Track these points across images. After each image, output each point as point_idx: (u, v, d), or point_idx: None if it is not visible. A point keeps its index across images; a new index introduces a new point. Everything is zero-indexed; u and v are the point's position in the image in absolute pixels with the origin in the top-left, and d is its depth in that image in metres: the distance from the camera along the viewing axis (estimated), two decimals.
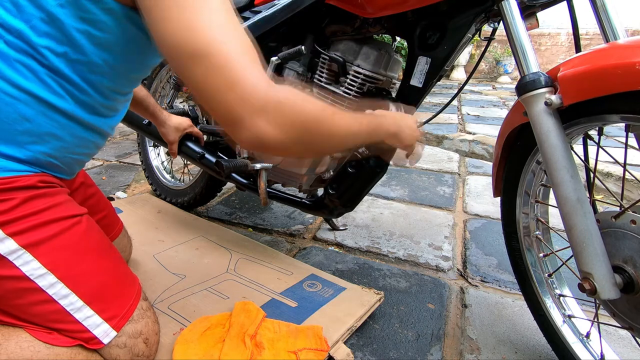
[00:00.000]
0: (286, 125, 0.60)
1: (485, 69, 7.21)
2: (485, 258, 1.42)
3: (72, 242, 0.75)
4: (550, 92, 0.70)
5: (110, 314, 0.76)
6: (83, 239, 0.77)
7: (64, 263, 0.73)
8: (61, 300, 0.71)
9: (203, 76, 0.56)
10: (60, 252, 0.73)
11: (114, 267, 0.82)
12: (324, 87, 1.11)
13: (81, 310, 0.73)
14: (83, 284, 0.74)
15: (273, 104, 0.57)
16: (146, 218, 1.55)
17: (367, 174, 1.02)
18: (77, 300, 0.73)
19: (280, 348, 0.88)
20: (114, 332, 0.75)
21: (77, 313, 0.73)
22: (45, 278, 0.70)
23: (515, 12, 0.76)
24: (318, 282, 1.16)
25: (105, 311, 0.75)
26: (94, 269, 0.77)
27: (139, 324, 0.79)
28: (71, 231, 0.75)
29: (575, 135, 0.79)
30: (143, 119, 1.36)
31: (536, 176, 0.90)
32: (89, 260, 0.77)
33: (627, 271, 0.70)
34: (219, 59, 0.55)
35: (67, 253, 0.74)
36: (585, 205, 0.69)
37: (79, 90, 0.72)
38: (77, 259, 0.75)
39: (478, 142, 2.66)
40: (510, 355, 0.99)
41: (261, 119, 0.57)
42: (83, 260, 0.76)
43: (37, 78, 0.67)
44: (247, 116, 0.56)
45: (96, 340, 0.74)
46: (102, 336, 0.74)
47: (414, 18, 0.97)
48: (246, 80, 0.55)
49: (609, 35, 0.81)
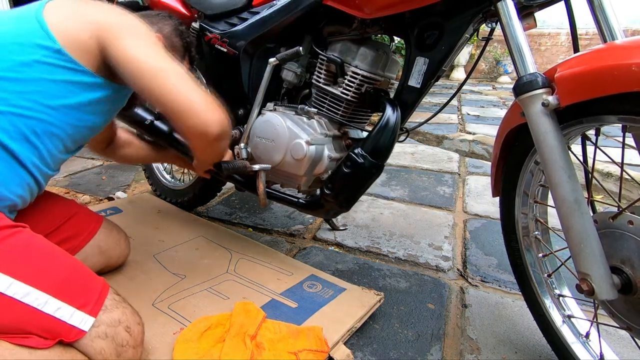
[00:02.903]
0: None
1: (485, 69, 7.20)
2: (485, 258, 1.42)
3: (20, 245, 0.75)
4: (548, 92, 0.70)
5: (81, 302, 0.74)
6: (32, 243, 0.77)
7: (16, 264, 0.71)
8: (24, 299, 0.69)
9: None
10: (11, 255, 0.72)
11: (73, 264, 0.80)
12: (322, 87, 1.12)
13: (49, 304, 0.71)
14: (43, 279, 0.72)
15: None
16: (146, 218, 1.55)
17: (362, 175, 1.02)
18: (41, 295, 0.71)
19: (280, 349, 0.88)
20: (91, 318, 0.73)
21: (45, 307, 0.70)
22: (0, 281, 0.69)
23: (512, 12, 0.76)
24: (318, 282, 1.16)
25: (75, 300, 0.73)
26: (52, 266, 0.76)
27: (115, 312, 0.77)
28: (16, 237, 0.75)
29: (573, 135, 0.79)
30: (144, 119, 1.36)
31: (534, 176, 0.90)
32: (44, 260, 0.76)
33: (625, 272, 0.70)
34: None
35: (16, 256, 0.73)
36: (583, 206, 0.69)
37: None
38: (29, 259, 0.74)
39: (478, 142, 2.66)
40: (510, 355, 0.99)
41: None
42: (37, 260, 0.75)
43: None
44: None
45: (75, 330, 0.72)
46: (80, 324, 0.72)
47: (411, 19, 0.97)
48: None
49: (606, 36, 0.81)
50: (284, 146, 1.10)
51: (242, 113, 1.29)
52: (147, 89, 0.84)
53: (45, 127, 0.83)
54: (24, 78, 0.79)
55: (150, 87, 0.83)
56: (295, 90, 1.25)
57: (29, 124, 0.81)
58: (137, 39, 0.85)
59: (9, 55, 0.79)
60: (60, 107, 0.84)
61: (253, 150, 1.20)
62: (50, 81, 0.81)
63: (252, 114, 1.18)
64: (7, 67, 0.78)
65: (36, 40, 0.80)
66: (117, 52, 0.83)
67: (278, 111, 1.17)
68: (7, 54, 0.79)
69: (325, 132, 1.11)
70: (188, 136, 0.92)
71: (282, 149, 1.11)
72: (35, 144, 0.83)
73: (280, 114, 1.14)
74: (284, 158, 1.11)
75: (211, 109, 0.87)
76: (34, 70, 0.80)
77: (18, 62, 0.79)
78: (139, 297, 1.05)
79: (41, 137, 0.83)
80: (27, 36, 0.80)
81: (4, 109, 0.78)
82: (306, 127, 1.10)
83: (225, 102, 1.40)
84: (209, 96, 0.88)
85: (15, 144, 0.80)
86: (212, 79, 1.40)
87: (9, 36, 0.80)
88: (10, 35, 0.80)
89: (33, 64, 0.79)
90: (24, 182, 0.84)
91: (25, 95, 0.80)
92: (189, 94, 0.84)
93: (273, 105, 1.20)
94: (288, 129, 1.10)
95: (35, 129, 0.82)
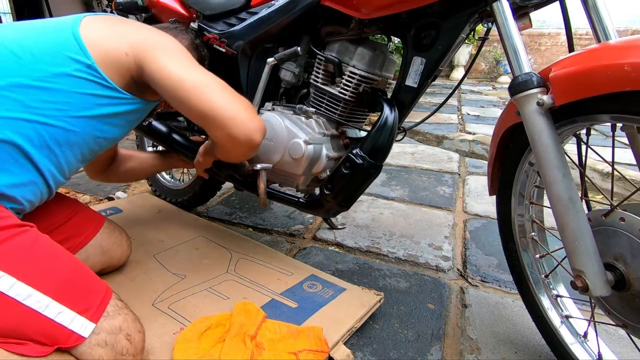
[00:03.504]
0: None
1: (485, 69, 7.19)
2: (485, 258, 1.42)
3: (25, 246, 0.74)
4: (542, 92, 0.70)
5: (82, 307, 0.73)
6: (36, 243, 0.76)
7: (20, 265, 0.70)
8: (25, 301, 0.68)
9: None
10: (14, 255, 0.71)
11: (77, 266, 0.79)
12: (320, 87, 1.12)
13: (50, 307, 0.70)
14: (45, 281, 0.71)
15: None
16: (146, 218, 1.56)
17: (361, 175, 1.03)
18: (43, 297, 0.69)
19: (280, 349, 0.89)
20: (92, 324, 0.72)
21: (46, 311, 0.69)
22: (2, 280, 0.68)
23: (507, 12, 0.76)
24: (318, 282, 1.16)
25: (76, 305, 0.72)
26: (55, 268, 0.75)
27: (116, 319, 0.76)
28: (21, 237, 0.74)
29: (566, 135, 0.80)
30: (143, 120, 1.37)
31: (529, 178, 0.91)
32: (48, 261, 0.75)
33: (619, 268, 0.70)
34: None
35: (21, 256, 0.72)
36: (577, 204, 0.70)
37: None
38: (34, 260, 0.73)
39: (478, 142, 2.67)
40: (510, 355, 0.99)
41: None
42: (41, 261, 0.74)
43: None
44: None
45: (75, 335, 0.70)
46: (80, 330, 0.71)
47: (408, 19, 0.98)
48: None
49: (600, 36, 0.81)
50: (282, 145, 1.10)
51: None
52: (186, 101, 0.86)
53: (67, 137, 0.85)
54: (54, 89, 0.81)
55: (190, 99, 0.86)
56: (294, 90, 1.26)
57: (52, 133, 0.82)
58: (172, 55, 0.89)
59: (44, 66, 0.81)
60: (84, 118, 0.86)
61: None
62: (79, 94, 0.83)
63: None
64: (41, 77, 0.80)
65: (70, 54, 0.82)
66: (155, 69, 0.86)
67: (276, 111, 1.17)
68: (42, 64, 0.81)
69: (324, 132, 1.12)
70: (229, 145, 0.94)
71: (280, 149, 1.11)
72: (56, 152, 0.85)
73: (278, 114, 1.14)
74: (282, 157, 1.11)
75: (253, 117, 0.89)
76: (64, 82, 0.82)
77: (51, 73, 0.81)
78: (139, 297, 1.06)
79: (62, 147, 0.85)
80: (62, 49, 0.82)
81: (31, 118, 0.80)
82: (304, 126, 1.11)
83: None
84: (249, 105, 0.91)
85: (36, 151, 0.81)
86: None
87: (46, 46, 0.82)
88: (47, 46, 0.82)
89: (64, 76, 0.82)
90: (36, 189, 0.85)
91: (53, 106, 0.82)
92: (230, 104, 0.87)
93: (271, 105, 1.21)
94: (286, 128, 1.10)
95: (58, 138, 0.84)
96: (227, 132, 0.88)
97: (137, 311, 0.84)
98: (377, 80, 1.09)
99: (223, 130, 0.88)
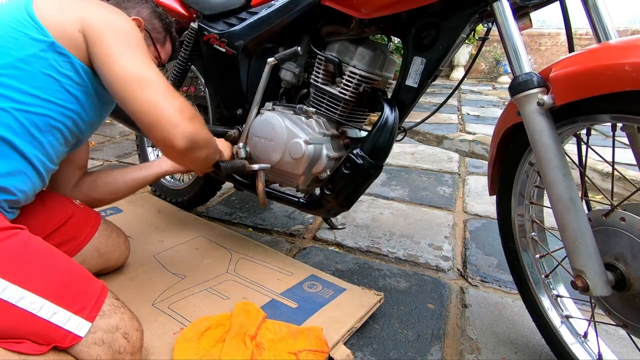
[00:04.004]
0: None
1: (486, 69, 7.19)
2: (485, 258, 1.42)
3: (17, 248, 0.73)
4: (543, 92, 0.70)
5: (77, 306, 0.72)
6: (28, 245, 0.75)
7: (12, 267, 0.70)
8: (19, 303, 0.68)
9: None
10: (6, 258, 0.70)
11: (71, 266, 0.79)
12: (320, 87, 1.12)
13: (44, 308, 0.69)
14: (38, 283, 0.70)
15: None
16: (146, 218, 1.56)
17: (361, 175, 1.03)
18: (37, 299, 0.69)
19: (280, 349, 0.89)
20: (88, 324, 0.72)
21: (40, 312, 0.69)
22: None
23: (507, 12, 0.76)
24: (318, 282, 1.16)
25: (71, 305, 0.72)
26: (49, 269, 0.74)
27: (113, 318, 0.75)
28: (12, 239, 0.73)
29: (566, 135, 0.80)
30: None
31: (529, 178, 0.91)
32: (40, 262, 0.74)
33: (619, 268, 0.70)
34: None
35: (13, 258, 0.71)
36: (578, 204, 0.70)
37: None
38: (26, 262, 0.72)
39: (478, 142, 2.66)
40: (510, 355, 0.99)
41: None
42: (33, 262, 0.73)
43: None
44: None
45: (71, 335, 0.70)
46: (76, 329, 0.70)
47: (408, 19, 0.98)
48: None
49: (600, 36, 0.81)
50: (283, 145, 1.10)
51: (241, 113, 1.29)
52: (120, 95, 0.83)
53: (46, 121, 0.84)
54: (23, 74, 0.80)
55: (123, 95, 0.83)
56: (294, 90, 1.26)
57: (31, 119, 0.82)
58: (119, 40, 0.84)
59: (8, 51, 0.79)
60: (58, 100, 0.85)
61: (252, 149, 1.20)
62: (47, 75, 0.82)
63: (251, 114, 1.19)
64: (7, 64, 0.79)
65: (30, 34, 0.80)
66: (99, 52, 0.83)
67: (277, 111, 1.18)
68: (5, 49, 0.79)
69: (324, 132, 1.12)
70: (163, 150, 0.91)
71: (280, 149, 1.11)
72: (39, 138, 0.84)
73: (278, 114, 1.14)
74: (283, 157, 1.11)
75: (179, 122, 0.82)
76: (31, 65, 0.80)
77: (17, 58, 0.79)
78: (139, 297, 1.06)
79: (43, 132, 0.84)
80: (21, 31, 0.80)
81: (7, 106, 0.79)
82: (304, 126, 1.11)
83: (224, 102, 1.41)
84: (184, 108, 0.84)
85: (20, 140, 0.81)
86: (211, 78, 1.41)
87: (5, 32, 0.80)
88: (5, 31, 0.80)
89: (30, 58, 0.80)
90: (27, 179, 0.85)
91: (26, 91, 0.80)
92: (158, 105, 0.81)
93: (272, 105, 1.21)
94: (286, 128, 1.11)
95: (38, 123, 0.83)
96: (151, 135, 0.84)
97: (137, 311, 0.84)
98: (377, 80, 1.09)
99: (148, 132, 0.84)
